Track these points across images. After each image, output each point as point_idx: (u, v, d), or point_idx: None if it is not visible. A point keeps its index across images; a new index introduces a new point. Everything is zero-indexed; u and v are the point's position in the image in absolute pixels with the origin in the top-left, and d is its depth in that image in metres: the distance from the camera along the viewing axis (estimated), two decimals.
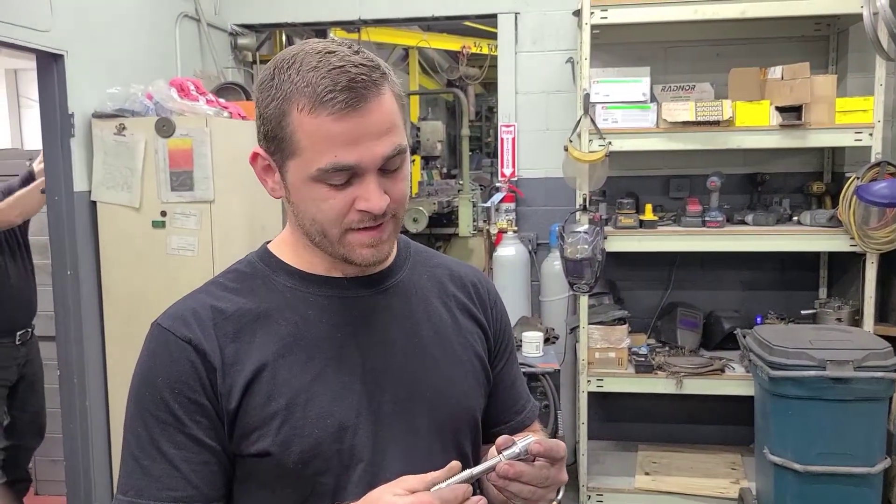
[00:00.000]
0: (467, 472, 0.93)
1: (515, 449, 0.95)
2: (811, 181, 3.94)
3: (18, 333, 3.37)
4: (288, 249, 1.09)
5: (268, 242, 1.13)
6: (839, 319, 3.61)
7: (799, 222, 3.64)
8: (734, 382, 3.55)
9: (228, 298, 1.04)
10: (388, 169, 0.99)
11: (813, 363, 2.88)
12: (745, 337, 3.27)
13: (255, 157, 1.04)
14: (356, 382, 1.03)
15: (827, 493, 2.95)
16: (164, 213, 3.10)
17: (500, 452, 0.96)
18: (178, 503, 0.97)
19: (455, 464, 0.93)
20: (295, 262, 1.08)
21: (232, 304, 1.04)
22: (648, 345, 3.87)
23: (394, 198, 1.00)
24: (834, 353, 2.88)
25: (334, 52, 0.96)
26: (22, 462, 3.53)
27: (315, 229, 1.01)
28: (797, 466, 2.93)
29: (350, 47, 0.98)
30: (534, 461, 0.96)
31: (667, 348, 3.87)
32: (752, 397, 3.31)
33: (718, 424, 4.10)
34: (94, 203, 3.17)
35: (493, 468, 0.95)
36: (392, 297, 1.10)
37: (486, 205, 4.32)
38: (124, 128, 3.09)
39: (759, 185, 4.00)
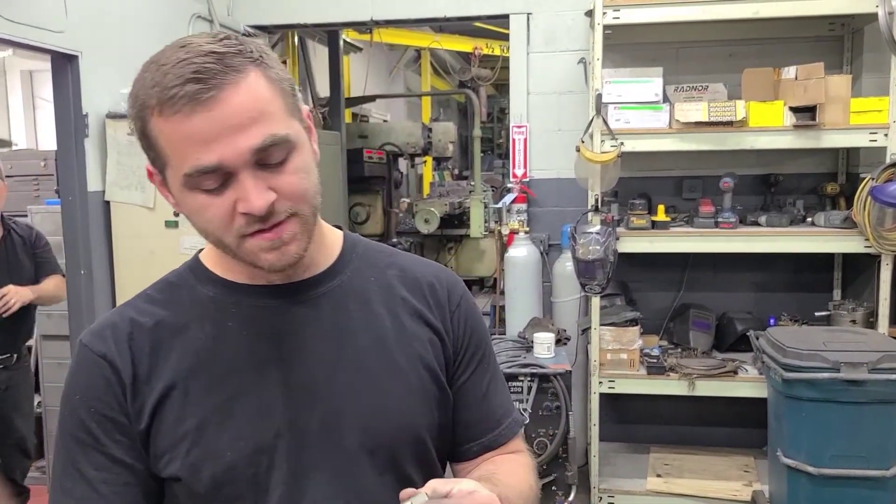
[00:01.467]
0: None
1: None
2: (825, 182, 3.91)
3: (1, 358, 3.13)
4: (214, 257, 1.02)
5: (201, 250, 1.06)
6: (853, 321, 3.58)
7: (813, 223, 3.62)
8: (747, 384, 3.52)
9: (150, 311, 0.99)
10: (267, 163, 0.88)
11: (827, 365, 2.86)
12: (758, 339, 3.25)
13: (150, 173, 0.95)
14: (277, 401, 0.95)
15: (841, 497, 2.93)
16: (177, 213, 3.12)
17: None
18: None
19: None
20: (219, 271, 1.01)
21: (152, 317, 0.98)
22: (660, 346, 3.85)
23: (283, 193, 0.88)
24: (848, 354, 2.86)
25: (189, 44, 0.86)
26: (15, 478, 3.31)
27: (212, 240, 0.93)
28: (811, 469, 2.91)
29: (215, 36, 0.88)
30: None
31: (679, 350, 3.84)
32: (765, 399, 3.29)
33: (731, 426, 4.08)
34: (107, 203, 3.19)
35: None
36: (325, 304, 1.00)
37: (497, 206, 4.32)
38: None
39: (772, 186, 3.97)
